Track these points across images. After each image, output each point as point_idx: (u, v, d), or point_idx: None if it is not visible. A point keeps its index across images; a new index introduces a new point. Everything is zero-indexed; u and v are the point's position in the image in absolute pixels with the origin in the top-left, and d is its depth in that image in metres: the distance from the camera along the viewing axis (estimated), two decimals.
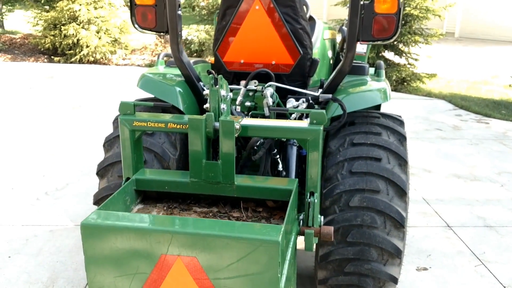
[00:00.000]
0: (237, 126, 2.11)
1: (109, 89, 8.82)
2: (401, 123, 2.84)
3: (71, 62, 11.06)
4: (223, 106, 2.17)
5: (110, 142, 2.89)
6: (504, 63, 13.24)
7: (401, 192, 2.55)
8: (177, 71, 3.01)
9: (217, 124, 2.12)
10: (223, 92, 2.15)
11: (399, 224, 2.52)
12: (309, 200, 2.20)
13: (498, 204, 4.65)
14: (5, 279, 3.26)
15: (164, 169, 2.72)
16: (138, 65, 11.41)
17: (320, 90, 2.83)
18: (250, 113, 2.82)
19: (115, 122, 2.99)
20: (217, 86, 2.12)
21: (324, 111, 2.13)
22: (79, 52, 10.98)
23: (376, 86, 2.92)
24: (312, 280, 3.23)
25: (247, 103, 2.81)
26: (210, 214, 2.22)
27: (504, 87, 10.33)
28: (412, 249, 3.76)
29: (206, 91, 2.52)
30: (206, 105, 2.44)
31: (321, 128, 2.10)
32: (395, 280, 2.61)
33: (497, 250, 3.83)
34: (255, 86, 2.81)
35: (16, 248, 3.63)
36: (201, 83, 2.96)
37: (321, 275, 2.69)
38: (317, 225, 2.24)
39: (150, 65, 11.55)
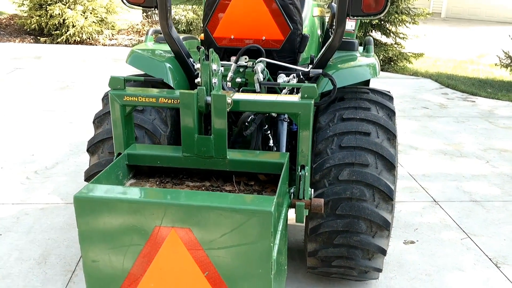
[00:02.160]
0: (229, 101, 2.13)
1: (97, 69, 8.74)
2: (390, 98, 2.87)
3: (58, 43, 10.91)
4: (214, 80, 2.18)
5: (100, 119, 2.89)
6: (490, 42, 13.33)
7: (390, 165, 2.60)
8: (167, 47, 3.00)
9: (208, 98, 2.14)
10: (214, 67, 2.16)
11: (388, 196, 2.57)
12: (300, 173, 2.23)
13: (484, 180, 4.74)
14: None
15: None
16: (125, 45, 11.29)
17: (311, 66, 2.85)
18: (241, 89, 2.83)
19: (105, 98, 2.98)
20: (209, 61, 2.13)
21: (315, 85, 2.15)
22: (66, 32, 10.83)
23: (365, 62, 2.94)
24: (301, 253, 3.29)
25: (238, 79, 2.82)
26: (203, 188, 2.25)
27: (490, 66, 10.43)
28: (400, 223, 3.84)
29: (198, 66, 2.52)
30: (198, 80, 2.45)
31: (312, 102, 2.13)
32: (383, 252, 2.67)
33: (483, 224, 3.91)
34: (245, 62, 2.81)
35: (7, 226, 3.63)
36: (191, 59, 2.96)
37: (311, 247, 2.74)
38: (307, 198, 2.29)
39: None
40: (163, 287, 1.86)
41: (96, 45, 11.26)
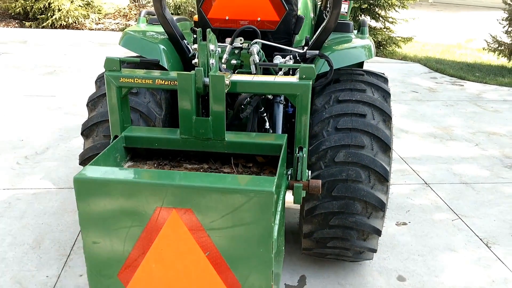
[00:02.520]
0: (227, 82, 2.11)
1: (84, 54, 8.63)
2: (385, 80, 2.88)
3: (43, 27, 10.73)
4: (212, 61, 2.16)
5: (94, 102, 2.86)
6: (477, 27, 13.39)
7: (385, 147, 2.61)
8: (160, 29, 2.97)
9: (206, 79, 2.12)
10: (212, 47, 2.14)
11: (383, 178, 2.59)
12: (298, 155, 2.23)
13: (473, 162, 4.80)
14: None
15: None
16: (112, 30, 11.16)
17: (306, 48, 2.84)
18: (236, 71, 2.81)
19: (98, 81, 2.95)
20: (206, 41, 2.11)
21: (313, 65, 2.14)
22: (51, 17, 10.65)
23: (360, 43, 2.94)
24: (295, 235, 3.31)
25: (233, 61, 2.80)
26: (201, 170, 2.24)
27: (477, 50, 10.51)
28: (392, 205, 3.87)
29: (195, 46, 2.50)
30: (195, 60, 2.42)
31: (311, 82, 2.12)
32: (378, 232, 2.70)
33: (473, 206, 3.97)
34: (240, 44, 2.79)
35: None
36: (185, 41, 2.94)
37: (307, 229, 2.76)
38: (305, 179, 2.29)
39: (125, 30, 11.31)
40: (164, 268, 1.86)
41: (83, 29, 11.10)
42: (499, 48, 8.97)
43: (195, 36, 3.16)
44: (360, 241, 2.73)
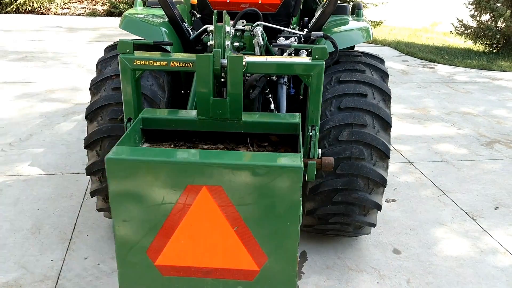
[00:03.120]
0: (244, 63, 2.15)
1: (52, 39, 8.43)
2: (381, 61, 2.98)
3: (7, 12, 10.40)
4: (227, 42, 2.20)
5: (96, 85, 2.85)
6: (442, 12, 13.75)
7: (386, 125, 2.71)
8: (158, 12, 2.97)
9: (223, 61, 2.16)
10: (227, 29, 2.18)
11: (384, 155, 2.70)
12: (310, 133, 2.30)
13: (451, 141, 5.00)
14: None
15: None
16: (79, 14, 10.92)
17: (306, 30, 2.90)
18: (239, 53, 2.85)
19: (99, 65, 2.94)
20: (223, 22, 2.14)
21: (325, 46, 2.21)
22: (15, 1, 10.32)
23: (359, 25, 3.02)
24: None
25: (236, 44, 2.84)
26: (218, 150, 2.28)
27: (443, 34, 10.81)
28: None
29: (211, 28, 2.53)
30: (210, 42, 2.45)
31: (323, 62, 2.19)
32: (379, 207, 2.81)
33: (456, 182, 4.15)
34: (243, 26, 2.83)
35: None
36: (185, 24, 2.95)
37: (309, 206, 2.84)
38: (316, 157, 2.37)
39: (92, 14, 11.08)
40: (193, 244, 1.91)
41: (48, 14, 10.82)
42: (466, 31, 9.27)
43: (193, 18, 3.18)
44: (361, 216, 2.84)
